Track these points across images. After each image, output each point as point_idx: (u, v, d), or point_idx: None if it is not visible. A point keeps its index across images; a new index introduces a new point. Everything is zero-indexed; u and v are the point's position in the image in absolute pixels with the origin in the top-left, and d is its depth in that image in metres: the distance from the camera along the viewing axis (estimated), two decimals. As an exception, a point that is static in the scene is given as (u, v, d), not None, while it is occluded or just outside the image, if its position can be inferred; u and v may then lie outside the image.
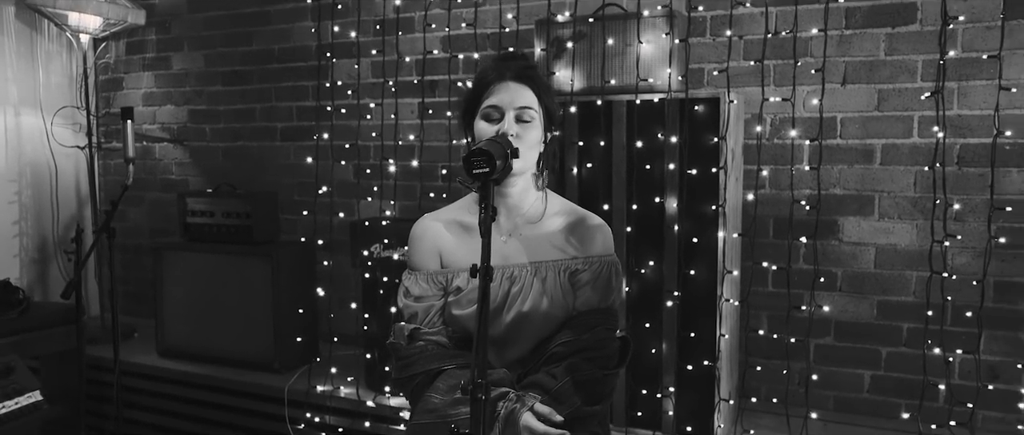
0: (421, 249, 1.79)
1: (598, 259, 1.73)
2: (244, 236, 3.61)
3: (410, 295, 1.77)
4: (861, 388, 3.00)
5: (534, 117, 1.71)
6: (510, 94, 1.71)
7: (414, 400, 1.72)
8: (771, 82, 2.99)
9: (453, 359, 1.70)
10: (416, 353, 1.71)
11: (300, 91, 4.00)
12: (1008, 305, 2.77)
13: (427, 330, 1.73)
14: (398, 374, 1.75)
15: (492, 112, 1.70)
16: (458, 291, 1.72)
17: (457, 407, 1.60)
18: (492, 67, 1.77)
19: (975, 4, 2.72)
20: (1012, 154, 2.73)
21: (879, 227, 2.93)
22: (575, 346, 1.66)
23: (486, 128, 1.70)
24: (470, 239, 1.75)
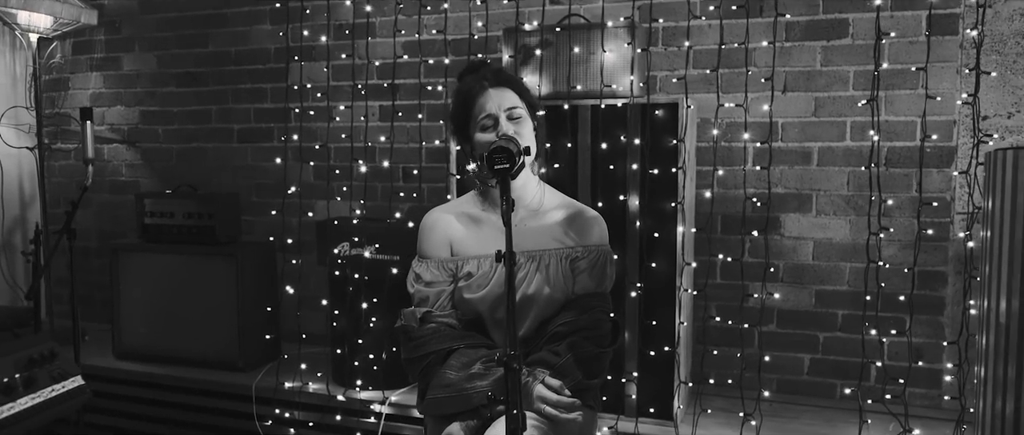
0: (433, 239, 1.91)
1: (595, 248, 1.89)
2: (206, 236, 3.62)
3: (421, 280, 1.88)
4: (801, 370, 3.24)
5: (522, 113, 1.86)
6: (495, 100, 1.85)
7: (426, 378, 1.82)
8: (720, 89, 3.21)
9: (464, 339, 1.82)
10: (429, 334, 1.82)
11: (258, 93, 4.02)
12: (930, 292, 3.05)
13: (438, 313, 1.85)
14: (410, 354, 1.85)
15: (487, 121, 1.84)
16: (469, 276, 1.84)
17: (473, 381, 1.72)
18: (471, 81, 1.91)
19: (901, 21, 3.00)
20: (933, 156, 3.02)
21: (817, 223, 3.19)
22: (575, 326, 1.80)
23: (485, 137, 1.84)
24: (477, 229, 1.88)
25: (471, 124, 1.87)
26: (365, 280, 3.20)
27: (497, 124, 1.83)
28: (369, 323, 3.21)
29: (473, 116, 1.86)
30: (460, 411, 1.73)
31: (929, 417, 2.91)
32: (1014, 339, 1.66)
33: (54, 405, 2.35)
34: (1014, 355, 1.65)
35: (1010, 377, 1.67)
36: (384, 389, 3.22)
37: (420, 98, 3.54)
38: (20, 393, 2.24)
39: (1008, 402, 1.67)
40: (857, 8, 3.09)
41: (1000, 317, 1.70)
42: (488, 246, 1.87)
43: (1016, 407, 1.65)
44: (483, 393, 1.70)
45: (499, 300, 1.81)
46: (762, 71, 3.12)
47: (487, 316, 1.85)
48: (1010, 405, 1.67)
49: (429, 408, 1.79)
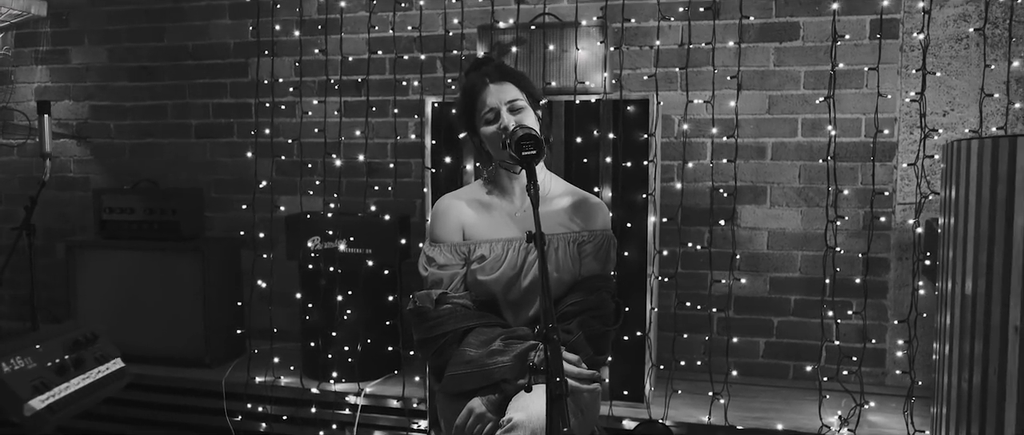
0: (446, 224, 1.96)
1: (600, 233, 1.97)
2: (170, 232, 3.54)
3: (435, 263, 1.93)
4: (757, 353, 3.40)
5: (523, 104, 1.93)
6: (497, 94, 1.92)
7: (441, 356, 1.87)
8: (681, 87, 3.34)
9: (480, 318, 1.87)
10: (445, 314, 1.87)
11: (217, 88, 3.95)
12: (875, 277, 3.25)
13: (453, 294, 1.89)
14: (425, 334, 1.89)
15: (489, 115, 1.91)
16: (482, 259, 1.90)
17: (494, 358, 1.78)
18: (474, 77, 1.98)
19: (847, 25, 3.19)
20: (876, 151, 3.21)
21: (770, 213, 3.35)
22: (583, 305, 1.88)
23: (491, 130, 1.90)
24: (488, 214, 1.95)
25: (476, 118, 1.93)
26: (338, 273, 3.20)
27: (499, 117, 1.89)
28: (343, 316, 3.22)
29: (477, 110, 1.92)
30: (480, 387, 1.78)
31: (877, 393, 3.10)
32: (980, 317, 1.81)
33: (102, 386, 2.32)
34: (981, 332, 1.80)
35: (977, 352, 1.82)
36: (359, 381, 3.23)
37: (395, 94, 3.55)
38: (72, 373, 2.20)
39: (975, 376, 1.83)
40: (807, 12, 3.26)
41: (966, 295, 1.85)
42: (498, 230, 1.93)
43: (983, 380, 1.80)
44: (504, 369, 1.76)
45: (511, 281, 1.88)
46: (719, 71, 3.26)
47: (500, 297, 1.91)
48: (977, 378, 1.82)
49: (449, 385, 1.83)
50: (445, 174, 3.08)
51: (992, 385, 1.76)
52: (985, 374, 1.79)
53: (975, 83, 3.09)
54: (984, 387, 1.79)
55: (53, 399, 2.09)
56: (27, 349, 2.19)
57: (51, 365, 2.17)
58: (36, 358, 2.16)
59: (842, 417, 2.84)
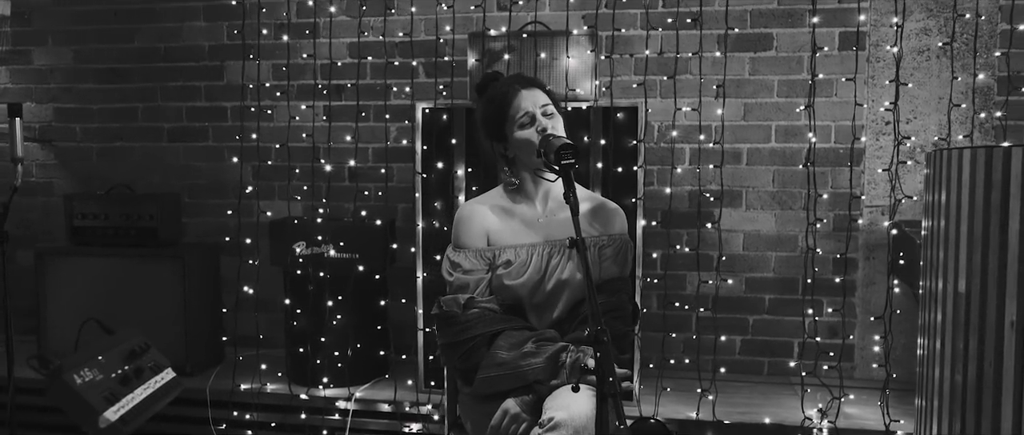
0: (470, 230, 1.98)
1: (619, 237, 2.02)
2: (147, 238, 3.46)
3: (460, 268, 1.95)
4: (734, 351, 3.51)
5: (553, 110, 1.98)
6: (530, 99, 1.96)
7: (470, 359, 1.89)
8: (657, 95, 3.42)
9: (508, 322, 1.90)
10: (474, 318, 1.89)
11: (191, 91, 3.87)
12: (845, 275, 3.39)
13: (480, 299, 1.92)
14: (453, 338, 1.91)
15: (524, 119, 1.94)
16: (507, 264, 1.93)
17: (527, 359, 1.81)
18: (500, 86, 2.02)
19: (818, 37, 3.32)
20: (845, 156, 3.36)
21: (746, 216, 3.47)
22: (606, 307, 1.92)
23: (526, 133, 1.93)
24: (511, 220, 1.99)
25: (508, 124, 1.96)
26: (327, 278, 3.18)
27: (534, 121, 1.93)
28: (333, 321, 3.19)
29: (510, 116, 1.95)
30: (513, 388, 1.81)
31: (848, 386, 3.24)
32: (975, 314, 1.93)
33: (162, 396, 2.27)
34: (976, 328, 1.92)
35: (972, 348, 1.94)
36: (349, 385, 3.21)
37: (386, 99, 3.55)
38: (134, 384, 2.15)
39: (970, 369, 1.94)
40: (780, 24, 3.38)
41: (960, 293, 1.97)
42: (522, 236, 1.97)
43: (978, 374, 1.92)
44: (538, 370, 1.79)
45: (536, 285, 1.92)
46: (695, 79, 3.36)
47: (526, 301, 1.94)
48: (972, 372, 1.94)
49: (482, 387, 1.85)
50: (437, 179, 3.09)
51: (988, 378, 1.88)
52: (980, 368, 1.91)
53: (936, 92, 3.26)
54: (979, 380, 1.91)
55: (124, 410, 2.05)
56: (91, 360, 2.15)
57: (115, 376, 2.12)
58: (101, 369, 2.10)
59: (822, 409, 2.96)
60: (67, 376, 2.00)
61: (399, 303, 3.39)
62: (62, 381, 1.99)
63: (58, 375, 1.99)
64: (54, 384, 1.99)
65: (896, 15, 2.97)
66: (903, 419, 2.85)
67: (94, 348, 2.15)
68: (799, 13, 3.38)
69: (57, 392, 2.00)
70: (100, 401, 1.97)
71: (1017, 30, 3.02)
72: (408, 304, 3.26)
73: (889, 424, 2.81)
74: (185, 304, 3.38)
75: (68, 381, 2.00)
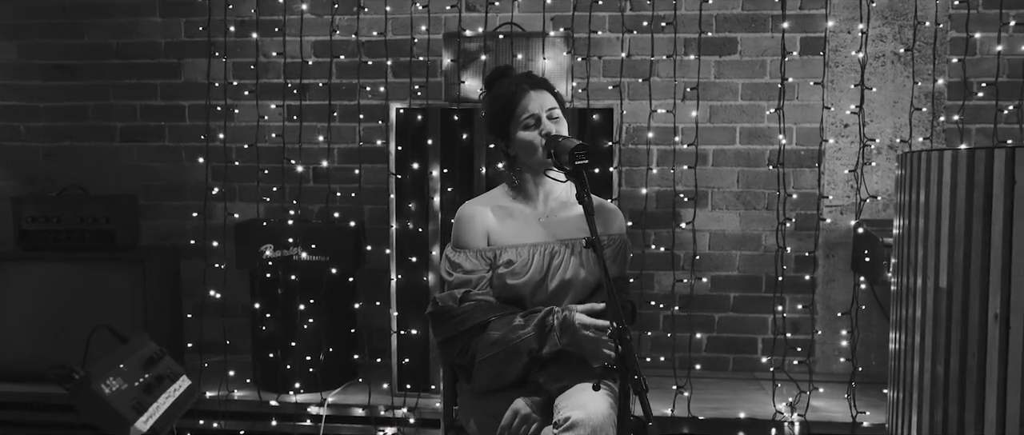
0: (471, 230, 1.96)
1: (618, 237, 2.02)
2: (104, 242, 3.30)
3: (461, 268, 1.92)
4: (700, 348, 3.57)
5: (559, 114, 1.97)
6: (537, 101, 1.95)
7: (468, 355, 1.86)
8: (626, 96, 3.45)
9: (503, 309, 1.89)
10: (470, 309, 1.87)
11: (146, 89, 3.71)
12: (803, 274, 3.49)
13: (477, 292, 1.89)
14: (450, 332, 1.88)
15: (530, 120, 1.92)
16: (509, 263, 1.91)
17: (516, 332, 1.81)
18: (509, 83, 1.99)
19: (778, 42, 3.40)
20: (806, 157, 3.45)
21: (712, 216, 3.53)
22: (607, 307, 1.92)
23: (529, 135, 1.92)
24: (511, 220, 1.97)
25: (512, 123, 1.94)
26: (297, 281, 3.10)
27: (539, 123, 1.92)
28: (304, 325, 3.11)
29: (515, 116, 1.93)
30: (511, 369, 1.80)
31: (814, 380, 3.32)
32: (957, 308, 2.00)
33: (182, 404, 2.16)
34: (958, 321, 1.99)
35: (954, 341, 2.01)
36: (321, 390, 3.14)
37: (358, 98, 3.48)
38: (157, 392, 2.04)
39: (953, 362, 2.02)
40: (745, 29, 3.46)
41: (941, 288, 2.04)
42: (523, 235, 1.95)
43: (961, 366, 1.99)
44: (530, 338, 1.78)
45: (538, 285, 1.90)
46: (662, 81, 3.40)
47: (528, 300, 1.92)
48: (954, 364, 2.01)
49: (482, 373, 1.83)
50: (411, 180, 3.04)
51: (972, 369, 1.95)
52: (964, 359, 1.98)
53: (891, 97, 3.38)
54: (963, 372, 1.98)
55: (152, 419, 1.94)
56: (115, 368, 2.05)
57: (139, 384, 2.02)
58: (125, 378, 1.98)
59: (791, 403, 3.03)
60: (95, 386, 1.92)
61: (373, 306, 3.33)
62: (91, 391, 1.91)
63: (86, 385, 1.91)
64: (82, 394, 1.91)
65: (861, 22, 3.06)
66: (868, 411, 2.94)
67: (114, 356, 2.04)
68: (762, 18, 3.45)
69: (86, 402, 1.92)
70: (129, 411, 1.88)
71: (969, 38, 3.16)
72: (382, 307, 3.21)
73: (856, 416, 2.89)
74: (145, 310, 3.24)
75: (97, 391, 1.92)
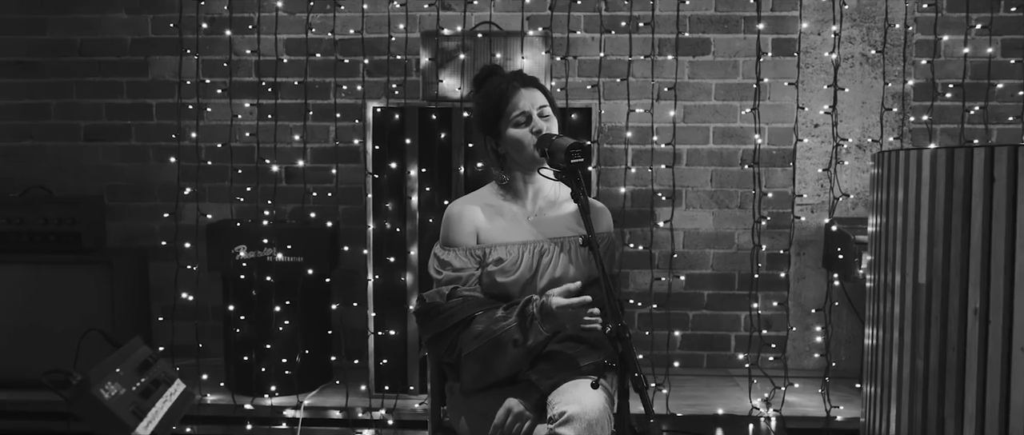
0: (460, 228, 1.93)
1: (606, 235, 2.02)
2: (70, 244, 3.19)
3: (450, 266, 1.90)
4: (675, 345, 3.58)
5: (550, 112, 1.95)
6: (528, 98, 1.93)
7: (456, 352, 1.85)
8: (603, 97, 3.45)
9: (489, 304, 1.87)
10: (457, 305, 1.85)
11: (111, 87, 3.61)
12: (775, 271, 3.53)
13: (465, 289, 1.87)
14: (438, 329, 1.86)
15: (520, 118, 1.91)
16: (499, 261, 1.89)
17: (498, 323, 1.79)
18: (500, 81, 1.97)
19: (751, 42, 3.44)
20: (778, 157, 3.49)
21: (686, 215, 3.55)
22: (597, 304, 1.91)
23: (520, 132, 1.90)
24: (501, 218, 1.96)
25: (503, 120, 1.92)
26: (272, 283, 3.04)
27: (530, 120, 1.90)
28: (279, 327, 3.05)
29: (506, 113, 1.91)
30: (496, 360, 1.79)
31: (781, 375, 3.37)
32: (937, 304, 2.03)
33: (178, 409, 2.08)
34: (938, 317, 2.03)
35: (933, 336, 2.05)
36: (298, 393, 3.08)
37: (334, 97, 3.42)
38: (154, 397, 1.96)
39: (932, 356, 2.05)
40: (718, 29, 3.49)
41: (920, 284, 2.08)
42: (512, 234, 1.93)
43: (941, 360, 2.02)
44: (512, 329, 1.77)
45: (528, 283, 1.89)
46: (641, 81, 3.41)
47: (518, 297, 1.90)
48: (934, 358, 2.05)
49: (470, 366, 1.82)
50: (388, 180, 3.00)
51: (951, 363, 1.99)
52: (943, 353, 2.01)
53: (859, 97, 3.44)
54: (942, 365, 2.02)
55: (152, 425, 1.87)
56: (112, 373, 1.98)
57: (136, 389, 1.94)
58: (122, 382, 1.91)
59: (767, 399, 3.06)
60: (95, 391, 1.86)
61: (349, 307, 3.27)
62: (90, 396, 1.85)
63: (85, 390, 1.84)
64: (81, 399, 1.85)
65: (834, 24, 3.11)
66: (842, 405, 2.98)
67: (109, 360, 1.97)
68: (735, 20, 3.49)
69: (85, 407, 1.86)
70: (130, 416, 1.81)
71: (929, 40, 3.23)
72: (359, 308, 3.16)
73: (830, 410, 2.93)
74: (113, 313, 3.14)
75: (96, 396, 1.86)
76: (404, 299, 3.04)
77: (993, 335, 1.89)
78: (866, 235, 3.03)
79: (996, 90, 3.33)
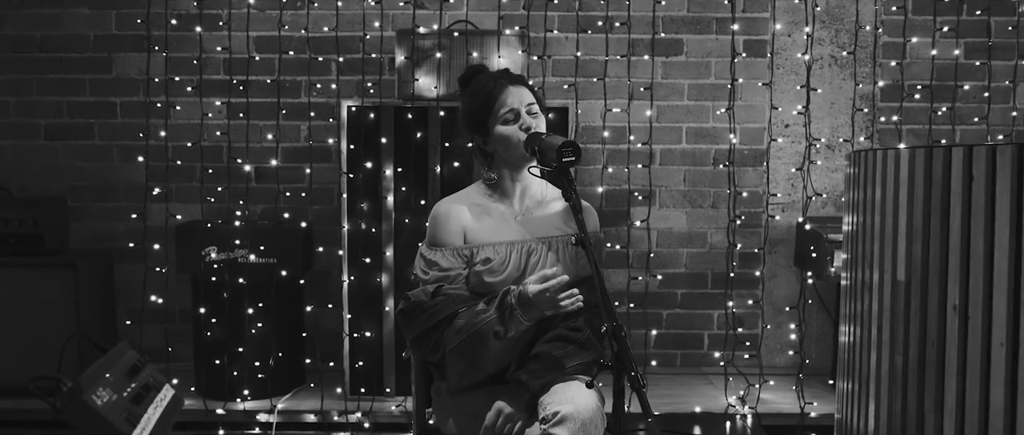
0: (447, 228, 1.90)
1: (592, 235, 2.00)
2: (31, 246, 3.07)
3: (437, 266, 1.87)
4: (649, 344, 3.59)
5: (537, 110, 1.93)
6: (516, 96, 1.91)
7: (440, 351, 1.81)
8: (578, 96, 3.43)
9: (473, 300, 1.83)
10: (441, 302, 1.82)
11: (73, 85, 3.49)
12: (747, 270, 3.55)
13: (450, 287, 1.84)
14: (422, 327, 1.82)
15: (509, 115, 1.88)
16: (487, 261, 1.86)
17: (479, 316, 1.77)
18: (487, 79, 1.94)
19: (723, 44, 3.46)
20: (750, 157, 3.52)
21: (659, 215, 3.55)
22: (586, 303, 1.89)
23: (508, 130, 1.87)
24: (489, 217, 1.93)
25: (491, 118, 1.89)
26: (244, 285, 2.96)
27: (519, 117, 1.88)
28: (252, 330, 2.98)
29: (494, 111, 1.88)
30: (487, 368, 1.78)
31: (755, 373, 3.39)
32: (916, 301, 2.06)
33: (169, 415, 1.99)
34: (917, 314, 2.05)
35: (912, 332, 2.07)
36: (271, 397, 3.00)
37: (308, 96, 3.34)
38: (146, 403, 1.88)
39: (912, 353, 2.07)
40: (690, 30, 3.50)
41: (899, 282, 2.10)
42: (500, 233, 1.90)
43: (920, 357, 2.04)
44: (492, 321, 1.74)
45: (516, 282, 1.86)
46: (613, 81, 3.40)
47: None
48: (913, 355, 2.07)
49: (452, 365, 1.79)
50: (363, 180, 2.95)
51: (931, 359, 2.01)
52: (923, 350, 2.03)
53: (828, 98, 3.48)
54: (922, 361, 2.04)
55: (146, 431, 1.79)
56: (102, 379, 1.91)
57: (127, 395, 1.88)
58: (114, 388, 1.83)
59: (742, 397, 3.08)
60: (87, 397, 1.82)
61: (324, 309, 3.21)
62: (82, 403, 1.81)
63: (77, 396, 1.77)
64: (73, 405, 1.78)
65: (807, 25, 3.14)
66: (815, 402, 3.01)
67: (99, 366, 1.89)
68: (707, 20, 3.50)
69: (77, 414, 1.81)
70: (123, 423, 1.74)
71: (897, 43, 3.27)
72: (333, 309, 3.10)
73: (804, 407, 2.96)
74: (78, 317, 3.04)
75: (89, 402, 1.82)
76: (380, 300, 2.99)
77: (972, 331, 1.91)
78: (838, 234, 3.08)
79: (962, 91, 3.39)
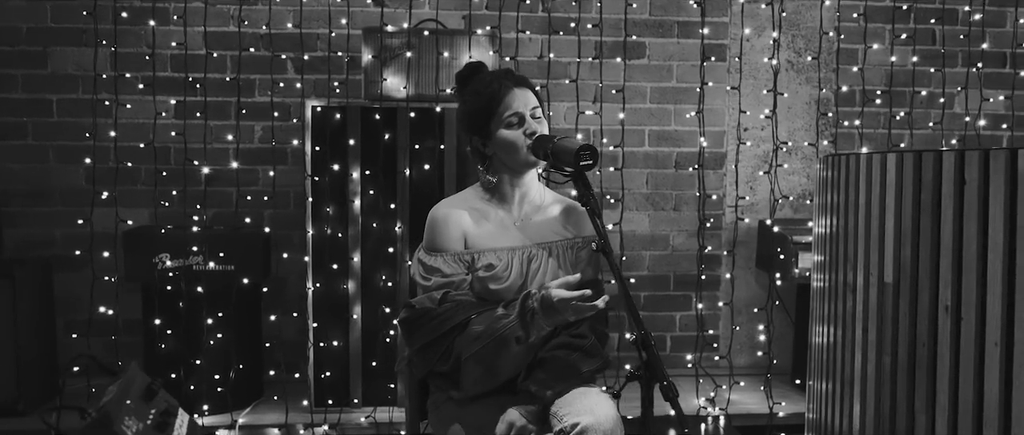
0: (447, 232, 1.80)
1: (592, 238, 1.91)
2: (-39, 255, 2.79)
3: (439, 272, 1.77)
4: (612, 348, 3.53)
5: (541, 114, 1.84)
6: (521, 99, 1.82)
7: (451, 359, 1.71)
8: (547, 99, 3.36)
9: (484, 306, 1.74)
10: (450, 309, 1.72)
11: (3, 81, 3.20)
12: (710, 271, 3.54)
13: (458, 294, 1.74)
14: (431, 335, 1.72)
15: (513, 119, 1.79)
16: (490, 267, 1.76)
17: (499, 321, 1.67)
18: (490, 80, 1.84)
19: (685, 47, 3.44)
20: (710, 160, 3.51)
21: (624, 217, 3.50)
22: None
23: (512, 134, 1.78)
24: (488, 223, 1.84)
25: (494, 121, 1.79)
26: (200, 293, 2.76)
27: (523, 121, 1.79)
28: (210, 341, 2.78)
29: (498, 113, 1.78)
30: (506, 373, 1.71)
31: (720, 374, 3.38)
32: (905, 301, 2.05)
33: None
34: (907, 314, 2.05)
35: (901, 333, 2.06)
36: (232, 410, 2.81)
37: (271, 95, 3.14)
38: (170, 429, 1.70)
39: (901, 353, 2.07)
40: (652, 33, 3.46)
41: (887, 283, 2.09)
42: (500, 239, 1.82)
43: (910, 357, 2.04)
44: (514, 326, 1.65)
45: (519, 289, 1.78)
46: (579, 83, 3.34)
47: None
48: (903, 355, 2.06)
49: (469, 372, 1.69)
50: (328, 182, 2.80)
51: (922, 359, 2.01)
52: (913, 350, 2.03)
53: (786, 103, 3.50)
54: (912, 362, 2.03)
55: None
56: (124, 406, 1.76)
57: (151, 423, 1.69)
58: (137, 416, 1.64)
59: (711, 398, 3.05)
60: (117, 428, 1.69)
61: (287, 317, 3.03)
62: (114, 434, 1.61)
63: (107, 427, 1.66)
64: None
65: (774, 30, 3.14)
66: (783, 401, 3.01)
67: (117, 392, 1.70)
68: (668, 24, 3.47)
69: None
70: None
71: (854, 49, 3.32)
72: (297, 318, 2.92)
73: (772, 406, 2.95)
74: (15, 330, 2.78)
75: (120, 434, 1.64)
76: (346, 307, 2.84)
77: (965, 331, 1.91)
78: (802, 236, 3.09)
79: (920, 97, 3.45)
